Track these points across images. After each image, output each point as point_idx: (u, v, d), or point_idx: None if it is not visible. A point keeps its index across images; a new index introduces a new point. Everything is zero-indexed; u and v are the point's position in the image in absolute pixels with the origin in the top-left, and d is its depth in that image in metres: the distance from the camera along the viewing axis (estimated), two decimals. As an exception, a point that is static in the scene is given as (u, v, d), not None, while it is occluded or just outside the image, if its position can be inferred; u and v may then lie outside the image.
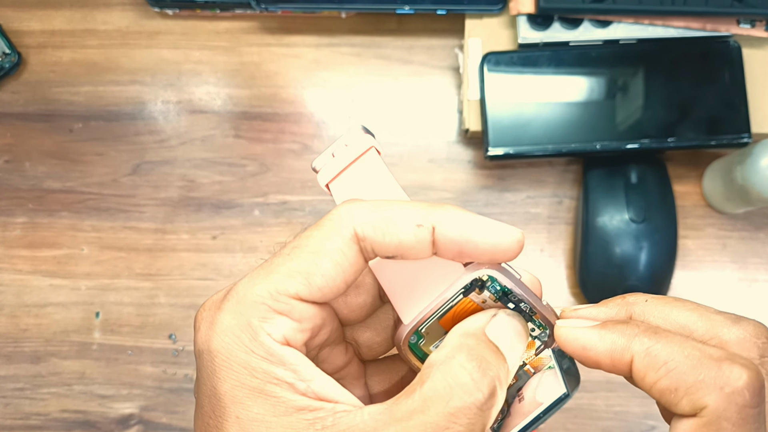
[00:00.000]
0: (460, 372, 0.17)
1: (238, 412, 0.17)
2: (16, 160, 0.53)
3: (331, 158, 0.22)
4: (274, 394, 0.17)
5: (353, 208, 0.19)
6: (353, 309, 0.22)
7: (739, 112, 0.47)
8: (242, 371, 0.17)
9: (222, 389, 0.17)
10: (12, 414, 0.50)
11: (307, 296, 0.18)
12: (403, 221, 0.18)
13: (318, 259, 0.18)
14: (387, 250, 0.18)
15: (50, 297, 0.51)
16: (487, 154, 0.47)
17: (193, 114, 0.53)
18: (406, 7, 0.49)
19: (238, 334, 0.17)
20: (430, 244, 0.19)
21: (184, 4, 0.52)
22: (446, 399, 0.17)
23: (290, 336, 0.18)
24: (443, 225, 0.18)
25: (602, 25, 0.47)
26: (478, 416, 0.17)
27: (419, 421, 0.16)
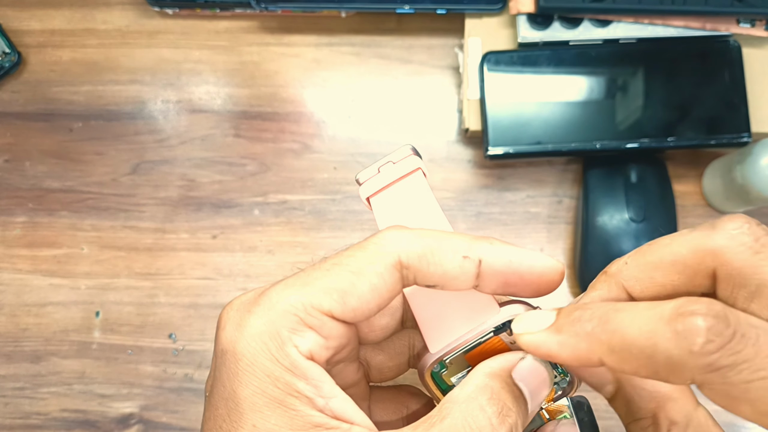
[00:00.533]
0: (481, 415, 0.17)
1: (255, 420, 0.17)
2: (16, 159, 0.53)
3: (377, 173, 0.22)
4: (294, 407, 0.17)
5: (400, 234, 0.19)
6: (374, 329, 0.22)
7: (739, 111, 0.47)
8: (265, 379, 0.17)
9: (242, 394, 0.17)
10: (12, 413, 0.50)
11: (339, 315, 0.18)
12: (449, 252, 0.18)
13: (357, 280, 0.18)
14: (430, 279, 0.18)
15: (50, 296, 0.51)
16: (487, 153, 0.47)
17: (192, 113, 0.53)
18: (405, 6, 0.49)
19: (266, 341, 0.17)
20: (474, 276, 0.19)
21: (184, 4, 0.52)
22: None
23: (316, 351, 0.18)
24: (490, 257, 0.19)
25: (602, 25, 0.47)
26: None
27: None
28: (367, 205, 0.23)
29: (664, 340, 0.15)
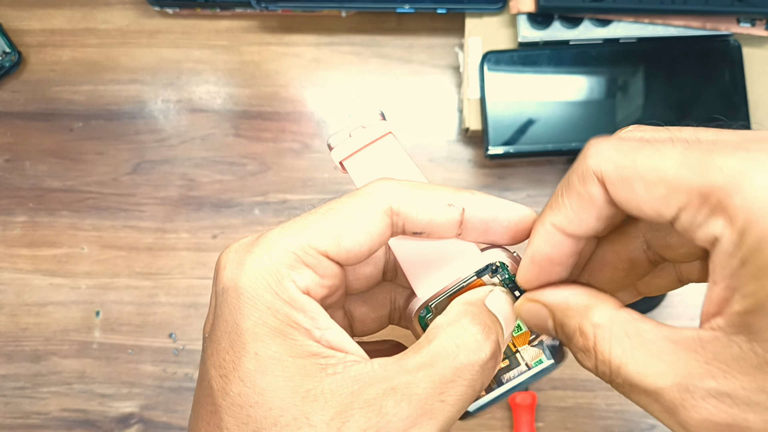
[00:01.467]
0: (465, 333, 0.19)
1: (257, 348, 0.18)
2: (17, 159, 0.53)
3: (348, 138, 0.23)
4: (292, 336, 0.18)
5: (391, 184, 0.20)
6: (358, 277, 0.23)
7: (739, 110, 0.47)
8: (265, 311, 0.18)
9: (244, 325, 0.18)
10: (12, 413, 0.50)
11: (334, 255, 0.19)
12: (436, 200, 0.20)
13: (351, 224, 0.19)
14: (417, 226, 0.20)
15: (50, 296, 0.51)
16: (487, 153, 0.47)
17: (193, 113, 0.53)
18: (406, 6, 0.49)
19: (266, 276, 0.18)
20: (457, 223, 0.20)
21: (185, 3, 0.52)
22: (453, 355, 0.18)
23: (312, 288, 0.19)
24: (473, 206, 0.20)
25: (602, 24, 0.47)
26: (480, 374, 0.19)
27: (428, 373, 0.18)
28: (341, 169, 0.24)
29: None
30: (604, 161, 0.19)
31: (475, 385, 0.19)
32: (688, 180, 0.17)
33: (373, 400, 0.17)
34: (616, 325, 0.19)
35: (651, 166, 0.18)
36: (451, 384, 0.18)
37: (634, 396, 0.18)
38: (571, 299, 0.20)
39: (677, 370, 0.17)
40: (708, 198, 0.16)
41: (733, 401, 0.16)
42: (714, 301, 0.17)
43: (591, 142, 0.20)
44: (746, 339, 0.16)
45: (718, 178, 0.16)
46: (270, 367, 0.18)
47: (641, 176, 0.18)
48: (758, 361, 0.16)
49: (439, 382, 0.18)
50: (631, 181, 0.18)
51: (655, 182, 0.17)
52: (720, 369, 0.16)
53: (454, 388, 0.18)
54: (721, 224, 0.16)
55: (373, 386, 0.18)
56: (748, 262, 0.16)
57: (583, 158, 0.19)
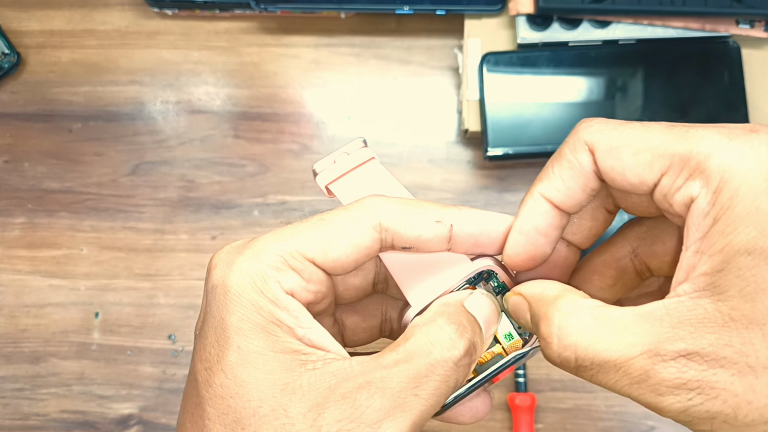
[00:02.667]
0: (440, 332, 0.20)
1: (240, 342, 0.19)
2: (15, 160, 0.53)
3: (332, 164, 0.24)
4: (275, 333, 0.19)
5: (381, 200, 0.21)
6: (348, 287, 0.24)
7: (738, 112, 0.47)
8: (250, 307, 0.19)
9: (229, 321, 0.19)
10: (11, 414, 0.50)
11: (320, 263, 0.20)
12: (424, 217, 0.21)
13: (340, 235, 0.20)
14: (406, 241, 0.21)
15: (49, 297, 0.51)
16: (486, 154, 0.47)
17: (192, 114, 0.53)
18: (405, 7, 0.49)
19: (253, 275, 0.19)
20: (446, 239, 0.21)
21: (183, 5, 0.52)
22: (427, 352, 0.19)
23: (296, 291, 0.20)
24: (461, 221, 0.21)
25: (601, 26, 0.47)
26: (453, 370, 0.19)
27: (403, 368, 0.19)
28: (326, 193, 0.25)
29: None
30: (595, 132, 0.20)
31: (449, 381, 0.19)
32: (671, 146, 0.19)
33: (348, 393, 0.18)
34: (583, 312, 0.19)
35: (638, 137, 0.19)
36: (425, 379, 0.18)
37: (602, 376, 0.19)
38: (545, 290, 0.21)
39: (645, 339, 0.18)
40: (688, 162, 0.18)
41: (702, 358, 0.17)
42: (683, 268, 0.18)
43: (582, 120, 0.21)
44: (711, 300, 0.17)
45: (698, 145, 0.18)
46: (252, 361, 0.18)
47: (628, 144, 0.19)
48: (723, 319, 0.17)
49: (413, 377, 0.18)
50: (619, 150, 0.20)
51: (640, 150, 0.19)
52: (687, 331, 0.17)
53: (427, 383, 0.19)
54: (698, 185, 0.18)
55: (349, 381, 0.18)
56: (719, 220, 0.17)
57: (574, 132, 0.21)
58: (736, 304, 0.17)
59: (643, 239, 0.23)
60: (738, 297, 0.17)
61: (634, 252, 0.23)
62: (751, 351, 0.17)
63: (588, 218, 0.23)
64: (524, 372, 0.48)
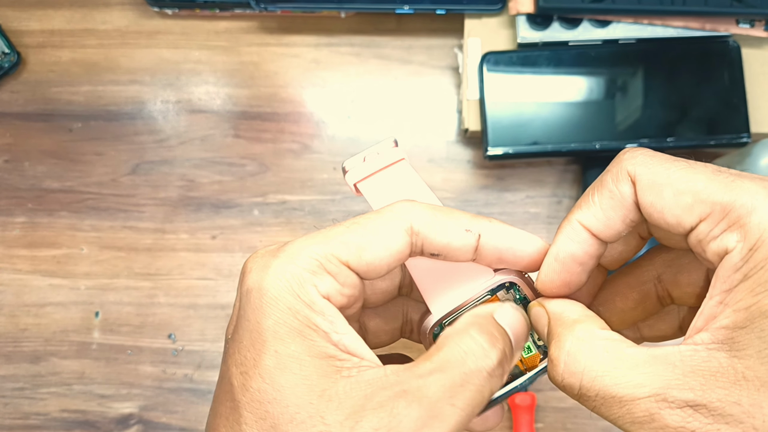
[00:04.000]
0: (472, 342, 0.20)
1: (277, 346, 0.19)
2: (16, 159, 0.53)
3: (362, 162, 0.24)
4: (311, 337, 0.19)
5: (413, 206, 0.21)
6: (375, 291, 0.24)
7: (739, 111, 0.47)
8: (287, 311, 0.19)
9: (265, 324, 0.19)
10: (11, 414, 0.50)
11: (355, 266, 0.20)
12: (454, 225, 0.21)
13: (373, 238, 0.20)
14: (435, 247, 0.21)
15: (50, 297, 0.51)
16: (486, 153, 0.47)
17: (192, 114, 0.53)
18: (405, 6, 0.49)
19: (289, 279, 0.19)
20: (473, 249, 0.21)
21: (184, 4, 0.52)
22: (461, 362, 0.19)
23: (332, 295, 0.20)
24: (490, 233, 0.22)
25: (601, 25, 0.47)
26: (488, 381, 0.19)
27: (439, 378, 0.18)
28: (354, 191, 0.25)
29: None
30: (639, 164, 0.20)
31: (484, 391, 0.19)
32: (714, 193, 0.18)
33: (385, 402, 0.18)
34: (598, 342, 0.20)
35: (682, 177, 0.19)
36: (460, 389, 0.18)
37: (605, 409, 0.19)
38: (566, 311, 0.21)
39: (655, 382, 0.18)
40: (729, 213, 0.18)
41: (709, 412, 0.17)
42: (703, 316, 0.18)
43: (626, 149, 0.21)
44: (727, 355, 0.17)
45: (742, 197, 0.18)
46: (289, 365, 0.18)
47: (672, 183, 0.19)
48: (736, 377, 0.17)
49: (449, 387, 0.18)
50: (661, 187, 0.19)
51: (683, 191, 0.19)
52: (698, 382, 0.17)
53: (463, 393, 0.18)
54: (735, 238, 0.18)
55: (386, 390, 0.18)
56: (750, 277, 0.17)
57: (618, 161, 0.21)
58: (752, 364, 0.17)
59: (669, 266, 0.23)
60: (755, 357, 0.17)
61: (658, 278, 0.23)
62: (759, 413, 0.16)
63: (620, 242, 0.24)
64: (524, 371, 0.48)
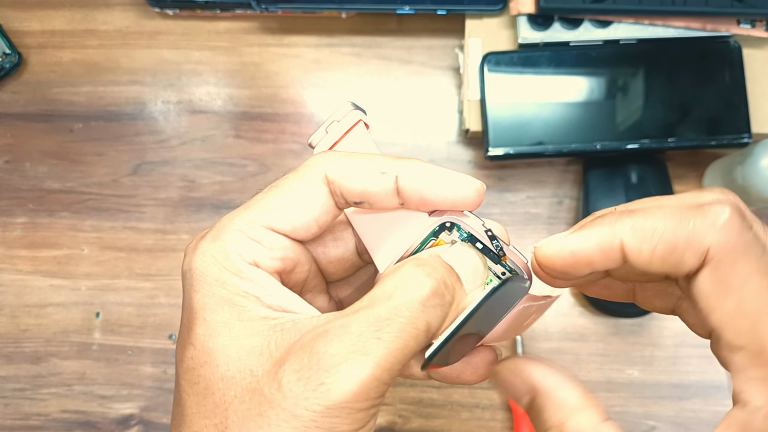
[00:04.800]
0: (407, 275, 0.19)
1: (206, 315, 0.19)
2: (17, 160, 0.53)
3: (325, 134, 0.23)
4: (241, 303, 0.19)
5: (327, 155, 0.21)
6: (332, 260, 0.23)
7: (740, 112, 0.47)
8: (214, 283, 0.19)
9: (195, 298, 0.19)
10: (12, 414, 0.50)
11: (278, 228, 0.20)
12: (368, 169, 0.20)
13: (291, 196, 0.20)
14: (353, 194, 0.20)
15: (50, 297, 0.51)
16: (487, 154, 0.47)
17: (193, 114, 0.53)
18: (406, 7, 0.49)
19: (215, 254, 0.19)
20: (393, 191, 0.20)
21: (184, 5, 0.52)
22: (390, 295, 0.18)
23: (260, 260, 0.20)
24: (405, 174, 0.20)
25: (602, 26, 0.47)
26: (420, 311, 0.18)
27: (363, 314, 0.18)
28: None
29: (691, 214, 0.18)
30: (721, 241, 0.18)
31: (416, 322, 0.18)
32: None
33: (306, 343, 0.17)
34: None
35: (754, 293, 0.18)
36: (387, 321, 0.17)
37: None
38: (560, 390, 0.20)
39: None
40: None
41: None
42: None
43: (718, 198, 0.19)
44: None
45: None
46: (218, 330, 0.19)
47: (741, 297, 0.18)
48: None
49: (374, 321, 0.17)
50: (727, 293, 0.18)
51: (746, 312, 0.18)
52: None
53: (390, 325, 0.17)
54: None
55: (311, 332, 0.18)
56: None
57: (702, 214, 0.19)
58: None
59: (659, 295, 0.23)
60: None
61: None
62: None
63: (653, 292, 0.23)
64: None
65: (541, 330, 0.50)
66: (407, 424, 0.49)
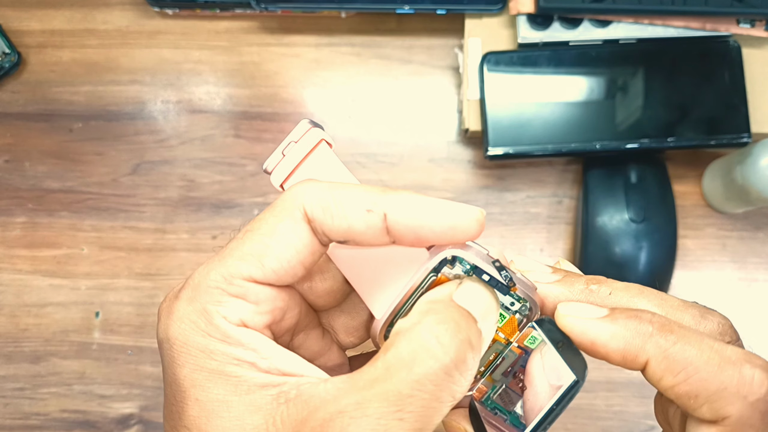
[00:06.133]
0: (426, 336, 0.16)
1: (197, 394, 0.17)
2: (16, 159, 0.53)
3: (282, 157, 0.21)
4: (235, 374, 0.17)
5: (304, 188, 0.18)
6: (320, 295, 0.21)
7: (739, 111, 0.47)
8: (200, 355, 0.17)
9: (181, 375, 0.17)
10: (12, 414, 0.50)
11: (261, 278, 0.18)
12: (352, 205, 0.18)
13: (270, 241, 0.18)
14: (337, 234, 0.18)
15: (50, 297, 0.51)
16: (486, 153, 0.47)
17: (192, 114, 0.53)
18: (405, 6, 0.49)
19: (195, 319, 0.17)
20: (382, 230, 0.18)
21: (184, 4, 0.52)
22: (410, 365, 0.16)
23: (248, 318, 0.17)
24: (395, 211, 0.18)
25: (602, 25, 0.47)
26: (446, 382, 0.16)
27: (381, 390, 0.15)
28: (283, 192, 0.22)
29: (727, 376, 0.17)
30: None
31: (442, 395, 0.16)
32: None
33: (319, 426, 0.15)
34: None
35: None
36: (409, 400, 0.15)
37: None
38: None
39: None
40: None
41: None
42: None
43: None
44: None
45: None
46: (215, 410, 0.17)
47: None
48: None
49: (394, 400, 0.15)
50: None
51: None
52: None
53: (413, 404, 0.15)
54: None
55: (321, 410, 0.16)
56: None
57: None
58: None
59: None
60: None
61: None
62: None
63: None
64: (525, 371, 0.48)
65: (541, 329, 0.50)
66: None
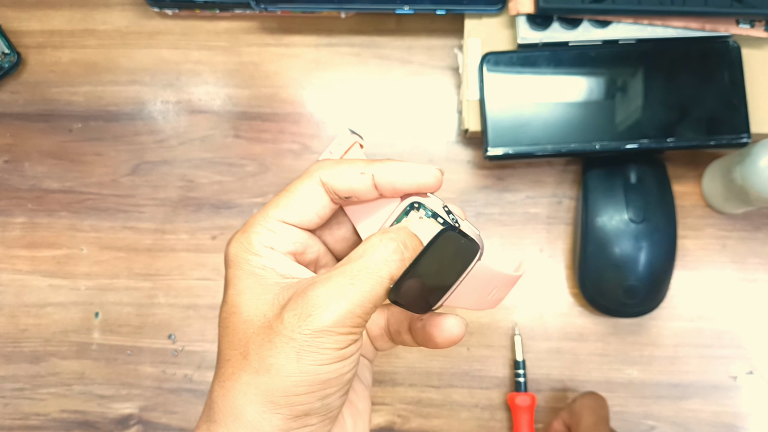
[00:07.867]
0: (374, 239, 0.25)
1: (235, 283, 0.25)
2: (16, 160, 0.53)
3: (329, 155, 0.29)
4: (260, 274, 0.25)
5: (320, 163, 0.27)
6: (337, 240, 0.29)
7: (739, 112, 0.47)
8: (242, 261, 0.25)
9: (229, 273, 0.26)
10: (11, 414, 0.50)
11: (288, 221, 0.26)
12: (351, 171, 0.26)
13: (294, 195, 0.26)
14: (342, 191, 0.26)
15: (49, 297, 0.51)
16: (486, 154, 0.47)
17: (192, 114, 0.53)
18: (405, 7, 0.49)
19: (242, 242, 0.26)
20: (372, 186, 0.26)
21: (184, 4, 0.52)
22: (361, 255, 0.24)
23: (275, 244, 0.26)
24: (379, 173, 0.26)
25: (601, 26, 0.47)
26: (384, 264, 0.24)
27: (342, 269, 0.24)
28: None
29: None
30: None
31: (381, 272, 0.24)
32: None
33: (300, 291, 0.24)
34: None
35: None
36: (358, 273, 0.24)
37: None
38: None
39: None
40: None
41: None
42: None
43: None
44: None
45: None
46: (243, 291, 0.25)
47: None
48: None
49: (349, 273, 0.23)
50: None
51: None
52: None
53: (360, 275, 0.23)
54: None
55: (304, 284, 0.24)
56: None
57: None
58: None
59: None
60: None
61: None
62: None
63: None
64: (524, 372, 0.48)
65: (540, 330, 0.50)
66: (406, 423, 0.49)
